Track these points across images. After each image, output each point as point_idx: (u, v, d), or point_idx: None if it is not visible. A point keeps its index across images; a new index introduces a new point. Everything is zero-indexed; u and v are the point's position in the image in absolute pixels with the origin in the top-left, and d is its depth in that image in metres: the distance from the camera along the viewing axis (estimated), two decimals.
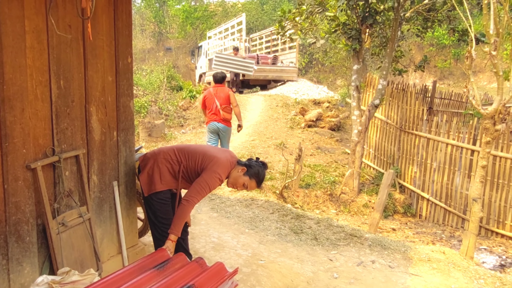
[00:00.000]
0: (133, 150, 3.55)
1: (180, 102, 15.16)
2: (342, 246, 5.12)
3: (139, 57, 29.78)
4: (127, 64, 3.40)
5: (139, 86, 15.67)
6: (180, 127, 13.05)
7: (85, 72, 2.98)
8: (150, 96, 14.72)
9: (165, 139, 11.45)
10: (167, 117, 13.51)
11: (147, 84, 16.58)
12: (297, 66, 18.50)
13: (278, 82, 18.23)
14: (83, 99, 2.97)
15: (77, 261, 2.84)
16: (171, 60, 26.89)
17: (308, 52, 25.49)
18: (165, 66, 19.42)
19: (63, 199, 2.81)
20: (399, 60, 9.79)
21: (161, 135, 11.58)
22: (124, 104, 3.39)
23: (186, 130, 12.74)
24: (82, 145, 2.98)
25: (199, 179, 3.08)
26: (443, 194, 8.54)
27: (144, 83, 16.65)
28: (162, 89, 16.52)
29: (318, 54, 20.47)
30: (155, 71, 18.83)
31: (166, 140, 11.34)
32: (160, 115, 13.49)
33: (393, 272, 4.51)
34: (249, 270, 3.97)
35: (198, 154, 3.22)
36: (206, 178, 3.06)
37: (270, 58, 17.92)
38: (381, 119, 10.27)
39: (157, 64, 22.26)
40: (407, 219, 8.75)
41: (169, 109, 14.01)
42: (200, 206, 6.27)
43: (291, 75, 17.76)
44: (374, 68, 12.43)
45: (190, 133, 12.30)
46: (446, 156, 8.42)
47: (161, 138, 11.48)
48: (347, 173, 8.68)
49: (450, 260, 4.93)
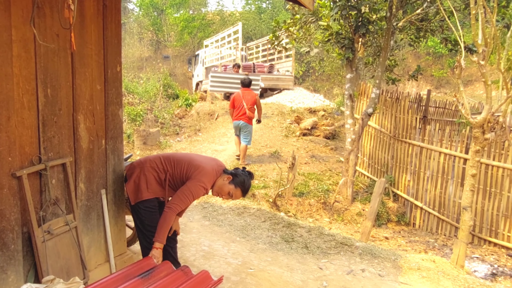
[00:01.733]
0: (122, 158, 3.56)
1: (176, 110, 15.20)
2: (332, 254, 5.13)
3: (136, 65, 29.86)
4: (116, 72, 3.42)
5: (135, 94, 15.72)
6: (175, 135, 13.07)
7: (73, 80, 3.00)
8: (146, 104, 14.76)
9: (160, 147, 11.45)
10: (163, 125, 13.54)
11: (143, 92, 16.62)
12: (293, 74, 18.58)
13: (274, 91, 18.29)
14: (70, 108, 2.99)
15: (63, 269, 2.84)
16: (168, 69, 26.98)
17: (306, 60, 25.62)
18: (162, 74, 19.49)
19: (49, 207, 2.81)
20: (392, 69, 9.85)
21: (156, 143, 11.58)
22: (113, 113, 3.40)
23: (181, 138, 12.75)
24: (70, 153, 2.99)
25: (183, 187, 3.10)
26: (436, 202, 8.56)
27: (140, 91, 16.69)
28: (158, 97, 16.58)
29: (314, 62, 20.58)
30: (152, 79, 18.90)
31: (161, 148, 11.34)
32: (155, 123, 13.52)
33: (383, 281, 4.51)
34: (238, 279, 3.97)
35: (184, 163, 3.23)
36: (190, 186, 3.08)
37: (266, 66, 17.99)
38: (375, 128, 10.31)
39: (154, 72, 22.33)
40: (401, 228, 8.75)
41: (164, 117, 14.03)
42: (192, 215, 6.28)
43: (287, 83, 17.82)
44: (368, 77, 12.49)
45: (186, 141, 12.31)
46: (439, 165, 8.46)
47: (156, 146, 11.48)
48: (341, 181, 8.70)
49: (440, 269, 4.94)
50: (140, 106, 13.91)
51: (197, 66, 22.86)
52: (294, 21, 9.07)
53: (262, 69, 17.69)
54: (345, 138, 9.44)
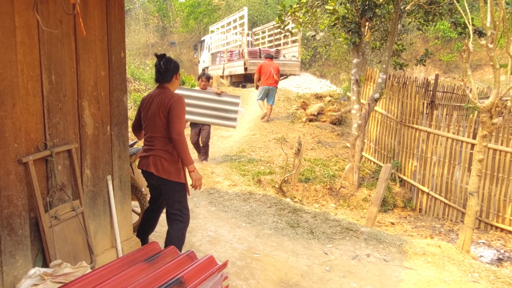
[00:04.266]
0: (127, 144, 3.58)
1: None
2: (337, 239, 5.15)
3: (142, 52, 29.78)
4: (120, 58, 3.42)
5: (141, 80, 15.70)
6: None
7: (77, 67, 3.01)
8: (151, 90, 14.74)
9: None
10: None
11: (149, 79, 16.58)
12: (300, 60, 18.46)
13: (280, 76, 18.19)
14: (75, 94, 3.01)
15: (70, 254, 2.89)
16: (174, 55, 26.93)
17: (312, 45, 25.44)
18: None
19: (55, 193, 2.85)
20: (400, 54, 9.76)
21: None
22: (118, 99, 3.42)
23: (187, 125, 12.76)
24: (75, 139, 3.02)
25: (171, 117, 3.34)
26: (443, 188, 8.53)
27: (146, 77, 16.66)
28: None
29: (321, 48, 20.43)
30: None
31: None
32: None
33: (388, 266, 4.54)
34: (243, 263, 4.01)
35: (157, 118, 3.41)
36: (176, 111, 3.34)
37: (272, 52, 17.88)
38: (382, 113, 10.26)
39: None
40: (407, 213, 8.75)
41: None
42: (199, 200, 6.32)
43: (293, 69, 17.70)
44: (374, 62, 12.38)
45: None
46: (446, 150, 8.41)
47: None
48: (347, 167, 8.69)
49: (445, 254, 4.95)
50: (146, 93, 13.90)
51: (203, 52, 22.79)
52: (300, 5, 8.98)
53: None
54: (351, 124, 9.41)
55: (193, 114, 7.75)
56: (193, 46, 26.86)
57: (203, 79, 8.13)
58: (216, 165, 8.07)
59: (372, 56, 10.71)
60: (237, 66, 17.41)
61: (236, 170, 7.92)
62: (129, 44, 27.77)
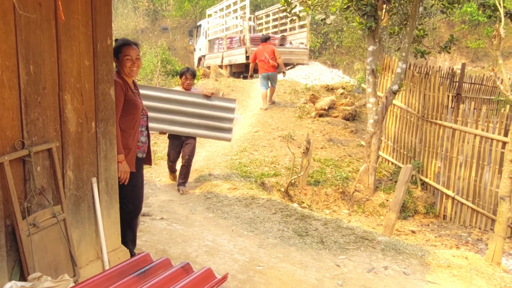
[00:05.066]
0: (114, 142, 3.59)
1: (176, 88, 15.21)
2: (351, 250, 5.16)
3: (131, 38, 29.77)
4: (106, 46, 3.43)
5: None
6: None
7: (58, 56, 3.01)
8: (142, 82, 14.80)
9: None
10: None
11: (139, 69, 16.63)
12: (308, 47, 18.46)
13: (286, 66, 18.18)
14: (56, 86, 3.01)
15: (51, 266, 2.90)
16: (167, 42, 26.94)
17: (323, 31, 25.40)
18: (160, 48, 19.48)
19: (34, 197, 2.86)
20: (421, 40, 9.74)
21: None
22: (104, 92, 3.43)
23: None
24: (56, 137, 3.03)
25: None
26: (470, 192, 8.52)
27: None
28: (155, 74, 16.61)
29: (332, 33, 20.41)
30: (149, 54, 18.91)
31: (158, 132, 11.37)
32: None
33: (408, 280, 4.54)
34: (245, 277, 4.01)
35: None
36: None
37: (277, 38, 17.89)
38: (401, 107, 10.25)
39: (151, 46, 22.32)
40: (429, 220, 8.75)
41: None
42: (195, 206, 6.34)
43: (301, 57, 17.72)
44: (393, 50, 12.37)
45: None
46: (474, 149, 8.39)
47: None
48: (362, 168, 8.70)
49: (473, 266, 4.95)
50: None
51: (199, 39, 22.80)
52: None
53: (273, 42, 17.60)
54: (366, 120, 9.41)
55: (173, 124, 6.68)
56: (188, 32, 26.88)
57: (187, 76, 6.85)
58: (215, 166, 8.09)
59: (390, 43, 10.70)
60: (238, 54, 17.42)
61: (237, 171, 7.93)
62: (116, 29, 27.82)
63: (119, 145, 3.69)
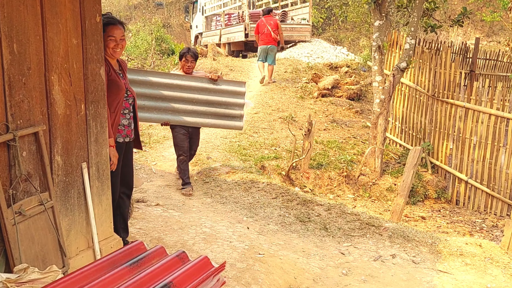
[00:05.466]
0: (105, 125, 3.58)
1: (172, 68, 15.16)
2: (356, 237, 5.18)
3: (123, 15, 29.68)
4: (95, 23, 3.40)
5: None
6: None
7: (44, 34, 2.99)
8: (135, 61, 14.75)
9: None
10: None
11: (132, 48, 16.59)
12: (311, 23, 18.33)
13: (288, 44, 18.09)
14: (42, 66, 2.99)
15: (38, 257, 2.91)
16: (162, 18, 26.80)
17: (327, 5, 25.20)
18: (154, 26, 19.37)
19: (20, 184, 2.86)
20: (432, 14, 9.64)
21: None
22: (93, 72, 3.41)
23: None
24: (42, 120, 3.01)
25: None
26: (484, 175, 8.52)
27: (129, 46, 16.65)
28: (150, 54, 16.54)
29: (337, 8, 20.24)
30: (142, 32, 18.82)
31: None
32: None
33: (417, 269, 4.56)
34: (244, 266, 4.04)
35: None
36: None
37: (278, 14, 17.76)
38: (409, 86, 10.20)
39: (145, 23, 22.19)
40: (441, 206, 8.77)
41: None
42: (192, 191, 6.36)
43: (303, 34, 17.61)
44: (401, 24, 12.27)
45: None
46: (489, 129, 8.37)
47: None
48: (367, 150, 8.69)
49: (487, 255, 4.96)
50: (129, 64, 13.89)
51: (195, 15, 22.66)
52: None
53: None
54: (372, 100, 9.38)
55: (175, 113, 6.15)
56: (184, 8, 26.68)
57: (188, 58, 6.25)
58: (213, 149, 8.09)
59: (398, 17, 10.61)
60: (236, 31, 17.32)
61: (236, 154, 7.94)
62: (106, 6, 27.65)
63: (110, 129, 3.69)
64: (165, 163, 7.58)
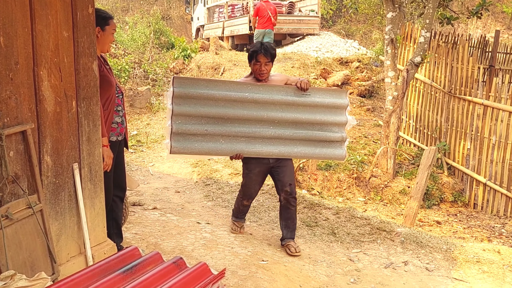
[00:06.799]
0: (98, 124, 3.58)
1: (172, 63, 15.18)
2: (367, 243, 5.16)
3: (120, 6, 29.71)
4: (87, 15, 3.40)
5: (118, 43, 15.70)
6: None
7: (33, 26, 2.99)
8: (132, 56, 14.76)
9: (151, 110, 11.51)
10: (155, 83, 13.57)
11: (129, 41, 16.61)
12: (320, 15, 18.31)
13: (295, 37, 18.09)
14: (30, 61, 2.99)
15: (26, 263, 2.91)
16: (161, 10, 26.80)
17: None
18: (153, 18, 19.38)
19: (6, 185, 2.86)
20: (448, 4, 9.61)
21: (146, 105, 11.64)
22: (85, 67, 3.41)
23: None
24: (31, 118, 3.01)
25: None
26: (504, 177, 8.48)
27: (126, 39, 16.68)
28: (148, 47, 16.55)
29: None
30: (140, 24, 18.83)
31: (152, 112, 11.41)
32: (145, 80, 13.55)
33: (431, 277, 4.55)
34: (246, 273, 4.03)
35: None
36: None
37: (284, 5, 17.75)
38: (424, 82, 10.18)
39: (143, 15, 22.22)
40: (457, 210, 8.74)
41: (157, 73, 14.05)
42: (192, 194, 6.37)
43: (311, 27, 17.58)
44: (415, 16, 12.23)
45: None
46: (509, 128, 8.34)
47: (146, 108, 11.55)
48: (379, 150, 8.67)
49: (506, 262, 4.95)
50: (126, 59, 13.91)
51: (197, 7, 22.66)
52: None
53: (280, 9, 17.45)
54: (385, 96, 9.35)
55: (249, 140, 4.64)
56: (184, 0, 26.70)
57: (260, 59, 4.58)
58: None
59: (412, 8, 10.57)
60: (240, 24, 17.30)
61: None
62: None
63: (103, 127, 3.69)
64: (163, 164, 7.59)
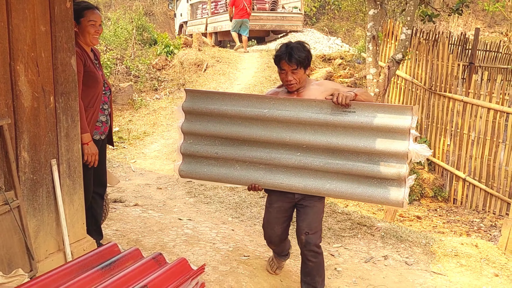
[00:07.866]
0: (77, 119, 3.54)
1: (154, 59, 15.09)
2: (347, 237, 5.19)
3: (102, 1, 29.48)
4: (65, 9, 3.36)
5: (100, 39, 15.57)
6: (153, 92, 13.02)
7: (9, 20, 2.95)
8: (114, 52, 14.64)
9: (133, 106, 11.43)
10: (137, 79, 13.47)
11: (112, 37, 16.45)
12: (303, 12, 18.32)
13: (278, 34, 18.07)
14: (6, 55, 2.95)
15: (3, 260, 2.88)
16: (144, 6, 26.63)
17: None
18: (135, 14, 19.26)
19: None
20: (429, 2, 9.67)
21: (128, 101, 11.56)
22: (63, 61, 3.37)
23: (160, 95, 12.71)
24: (7, 113, 2.98)
25: None
26: (483, 172, 8.57)
27: (108, 35, 16.52)
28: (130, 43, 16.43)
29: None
30: (122, 20, 18.69)
31: (134, 108, 11.33)
32: (127, 77, 13.45)
33: (410, 270, 4.59)
34: (227, 268, 4.02)
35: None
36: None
37: (268, 2, 17.73)
38: (405, 79, 10.24)
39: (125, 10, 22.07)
40: (438, 205, 8.82)
41: (139, 69, 13.94)
42: (174, 190, 6.34)
43: (294, 24, 17.58)
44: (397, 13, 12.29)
45: (166, 99, 12.29)
46: (488, 125, 8.41)
47: (128, 105, 11.46)
48: None
49: (483, 255, 5.01)
50: (107, 55, 13.81)
51: (180, 3, 22.55)
52: None
53: (263, 6, 17.43)
54: None
55: (270, 169, 3.66)
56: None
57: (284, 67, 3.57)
58: None
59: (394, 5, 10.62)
60: (224, 20, 17.25)
61: None
62: None
63: (84, 123, 3.64)
64: (145, 160, 7.55)
